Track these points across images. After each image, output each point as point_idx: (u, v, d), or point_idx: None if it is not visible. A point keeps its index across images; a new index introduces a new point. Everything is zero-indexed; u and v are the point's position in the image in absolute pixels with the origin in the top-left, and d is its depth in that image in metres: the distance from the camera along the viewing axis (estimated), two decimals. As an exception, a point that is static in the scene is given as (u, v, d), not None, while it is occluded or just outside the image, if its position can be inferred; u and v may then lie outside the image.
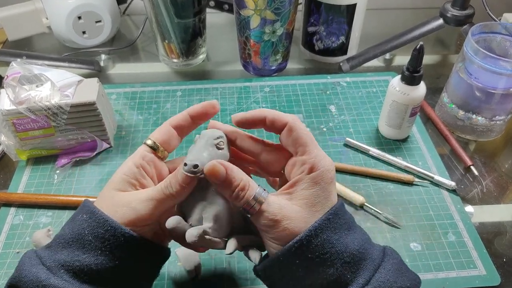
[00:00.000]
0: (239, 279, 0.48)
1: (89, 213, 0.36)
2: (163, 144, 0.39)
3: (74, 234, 0.35)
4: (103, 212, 0.35)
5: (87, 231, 0.35)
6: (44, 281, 0.33)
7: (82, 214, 0.36)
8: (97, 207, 0.36)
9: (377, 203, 0.55)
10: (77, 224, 0.36)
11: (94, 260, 0.34)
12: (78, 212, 0.37)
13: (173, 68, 0.78)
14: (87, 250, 0.35)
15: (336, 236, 0.34)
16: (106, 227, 0.35)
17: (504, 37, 0.62)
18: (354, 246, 0.34)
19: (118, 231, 0.35)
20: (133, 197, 0.36)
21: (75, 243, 0.35)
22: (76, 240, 0.35)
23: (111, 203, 0.36)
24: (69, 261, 0.34)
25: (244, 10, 0.67)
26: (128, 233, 0.35)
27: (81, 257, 0.34)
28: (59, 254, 0.35)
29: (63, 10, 0.74)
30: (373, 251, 0.35)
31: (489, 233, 0.53)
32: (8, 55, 0.74)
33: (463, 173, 0.60)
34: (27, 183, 0.58)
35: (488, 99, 0.60)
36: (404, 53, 0.79)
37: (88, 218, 0.35)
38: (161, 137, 0.39)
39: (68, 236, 0.35)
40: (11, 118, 0.55)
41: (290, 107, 0.69)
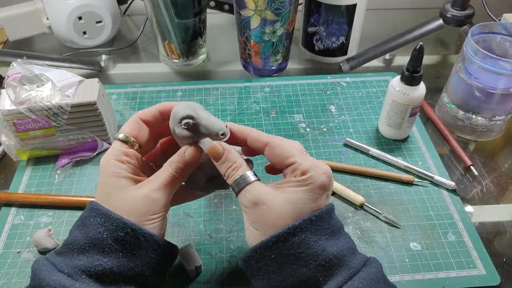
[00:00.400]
0: (240, 278, 0.48)
1: (104, 216, 0.36)
2: (135, 138, 0.40)
3: (90, 239, 0.35)
4: (119, 214, 0.36)
5: (105, 235, 0.35)
6: (70, 287, 0.33)
7: (95, 217, 0.36)
8: (111, 209, 0.36)
9: (377, 203, 0.56)
10: (91, 228, 0.36)
11: (116, 262, 0.35)
12: (88, 216, 0.37)
13: (173, 68, 0.78)
14: (108, 254, 0.35)
15: (315, 238, 0.35)
16: (126, 230, 0.35)
17: (504, 37, 0.62)
18: (332, 251, 0.35)
19: (138, 232, 0.35)
20: (146, 189, 0.37)
21: (93, 248, 0.35)
22: (94, 245, 0.35)
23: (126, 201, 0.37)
24: (89, 265, 0.34)
25: (244, 10, 0.67)
26: (148, 233, 0.36)
27: (102, 261, 0.35)
28: (76, 260, 0.35)
29: (64, 10, 0.74)
30: (353, 259, 0.36)
31: (489, 233, 0.53)
32: (9, 55, 0.74)
33: (463, 173, 0.60)
34: (27, 183, 0.58)
35: (488, 99, 0.60)
36: (404, 53, 0.79)
37: (104, 221, 0.35)
38: (132, 131, 0.40)
39: (83, 241, 0.35)
40: (12, 118, 0.55)
41: (290, 107, 0.69)
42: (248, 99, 0.71)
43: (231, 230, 0.52)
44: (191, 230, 0.53)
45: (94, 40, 0.80)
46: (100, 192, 0.38)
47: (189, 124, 0.38)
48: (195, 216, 0.54)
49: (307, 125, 0.66)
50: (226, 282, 0.48)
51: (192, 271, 0.47)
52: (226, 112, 0.68)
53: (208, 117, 0.38)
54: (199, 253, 0.50)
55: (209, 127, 0.38)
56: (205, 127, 0.38)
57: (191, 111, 0.38)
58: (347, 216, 0.54)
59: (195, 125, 0.38)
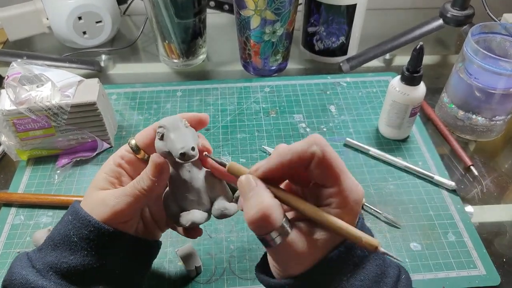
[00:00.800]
0: (239, 279, 0.48)
1: (74, 214, 0.36)
2: (145, 147, 0.39)
3: (61, 235, 0.36)
4: (86, 212, 0.36)
5: (72, 232, 0.35)
6: (33, 282, 0.34)
7: (68, 215, 0.37)
8: (82, 207, 0.36)
9: (377, 203, 0.56)
10: (63, 225, 0.36)
11: (81, 261, 0.35)
12: (66, 213, 0.37)
13: (173, 68, 0.78)
14: (74, 251, 0.35)
15: (335, 283, 0.31)
16: (90, 228, 0.35)
17: (504, 37, 0.62)
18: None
19: (101, 230, 0.35)
20: (108, 194, 0.36)
21: (62, 245, 0.35)
22: (63, 241, 0.35)
23: (91, 201, 0.37)
24: (57, 262, 0.35)
25: (244, 10, 0.67)
26: (113, 231, 0.35)
27: (68, 259, 0.35)
28: (48, 256, 0.35)
29: (64, 10, 0.74)
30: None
31: (489, 233, 0.53)
32: (9, 55, 0.74)
33: (463, 173, 0.60)
34: (27, 183, 0.58)
35: (488, 99, 0.60)
36: (404, 53, 0.79)
37: (72, 219, 0.36)
38: (143, 140, 0.38)
39: (56, 238, 0.36)
40: (12, 118, 0.55)
41: (290, 107, 0.69)
42: (248, 99, 0.71)
43: (231, 230, 0.52)
44: (191, 230, 0.53)
45: (94, 40, 0.80)
46: (87, 189, 0.38)
47: (159, 133, 0.36)
48: (195, 216, 0.54)
49: (307, 125, 0.66)
50: (226, 282, 0.48)
51: (192, 271, 0.47)
52: (226, 112, 0.68)
53: (180, 132, 0.35)
54: (199, 253, 0.50)
55: (173, 142, 0.35)
56: (170, 141, 0.35)
57: (168, 122, 0.36)
58: (347, 216, 0.54)
59: (164, 137, 0.35)
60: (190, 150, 0.34)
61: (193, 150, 0.35)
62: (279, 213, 0.31)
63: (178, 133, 0.35)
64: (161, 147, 0.36)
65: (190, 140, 0.35)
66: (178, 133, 0.35)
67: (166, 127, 0.36)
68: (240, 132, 0.65)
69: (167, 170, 0.36)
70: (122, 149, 0.39)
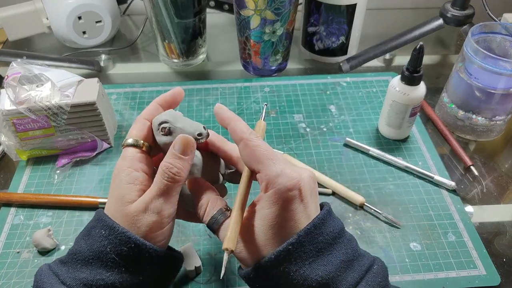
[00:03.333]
0: (239, 279, 0.48)
1: (108, 229, 0.34)
2: (144, 139, 0.38)
3: (94, 251, 0.34)
4: (123, 227, 0.34)
5: (108, 248, 0.34)
6: None
7: (100, 229, 0.35)
8: (116, 222, 0.35)
9: (377, 203, 0.56)
10: (96, 240, 0.34)
11: (119, 278, 0.34)
12: (94, 226, 0.35)
13: (173, 68, 0.78)
14: (111, 268, 0.34)
15: (294, 267, 0.32)
16: (130, 245, 0.34)
17: (504, 37, 0.62)
18: (317, 277, 0.32)
19: (142, 247, 0.34)
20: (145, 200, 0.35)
21: (96, 261, 0.34)
22: (97, 258, 0.34)
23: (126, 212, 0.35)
24: (91, 279, 0.33)
25: (244, 10, 0.67)
26: (152, 249, 0.34)
27: (104, 275, 0.33)
28: (79, 272, 0.34)
29: (63, 10, 0.74)
30: (346, 277, 0.32)
31: (489, 233, 0.53)
32: (8, 55, 0.74)
33: (463, 173, 0.60)
34: (27, 183, 0.58)
35: (488, 99, 0.60)
36: (404, 53, 0.79)
37: (108, 234, 0.34)
38: (139, 133, 0.38)
39: (87, 253, 0.34)
40: (11, 118, 0.55)
41: (290, 107, 0.69)
42: (248, 99, 0.71)
43: (231, 230, 0.52)
44: (190, 230, 0.52)
45: (94, 40, 0.80)
46: (112, 202, 0.36)
47: (165, 129, 0.38)
48: (195, 216, 0.54)
49: (307, 125, 0.66)
50: (225, 282, 0.48)
51: (191, 271, 0.47)
52: (226, 112, 0.68)
53: (184, 120, 0.38)
54: (199, 253, 0.50)
55: (185, 128, 0.38)
56: (181, 129, 0.37)
57: (168, 116, 0.38)
58: (347, 216, 0.54)
59: (172, 130, 0.38)
60: (203, 129, 0.38)
61: (205, 129, 0.38)
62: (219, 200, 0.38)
63: (183, 122, 0.38)
64: (168, 141, 0.38)
65: (196, 123, 0.38)
66: (182, 121, 0.38)
67: (169, 121, 0.38)
68: (240, 132, 0.65)
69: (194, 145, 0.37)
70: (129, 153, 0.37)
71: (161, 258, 0.35)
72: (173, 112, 0.39)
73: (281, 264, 0.32)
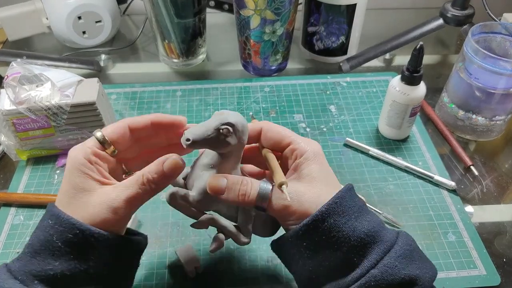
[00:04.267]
0: (239, 279, 0.48)
1: (54, 218, 0.34)
2: (113, 142, 0.38)
3: (41, 241, 0.34)
4: (68, 215, 0.34)
5: (55, 237, 0.33)
6: None
7: (47, 219, 0.34)
8: (62, 210, 0.34)
9: (377, 203, 0.56)
10: (43, 230, 0.34)
11: (67, 265, 0.33)
12: (43, 218, 0.35)
13: (173, 68, 0.78)
14: (58, 257, 0.33)
15: (343, 219, 0.34)
16: (74, 231, 0.33)
17: (504, 37, 0.62)
18: (363, 229, 0.34)
19: (87, 233, 0.33)
20: (108, 196, 0.35)
21: (44, 251, 0.33)
22: (45, 248, 0.33)
23: (80, 203, 0.35)
24: (41, 270, 0.33)
25: (244, 10, 0.67)
26: (98, 233, 0.34)
27: (53, 265, 0.33)
28: (29, 264, 0.33)
29: (63, 10, 0.74)
30: (385, 234, 0.35)
31: (489, 233, 0.53)
32: (8, 55, 0.74)
33: (463, 173, 0.60)
34: (27, 183, 0.58)
35: (488, 99, 0.60)
36: (404, 53, 0.79)
37: (54, 223, 0.34)
38: (112, 134, 0.38)
39: (36, 244, 0.34)
40: (11, 118, 0.55)
41: (290, 107, 0.69)
42: (248, 99, 0.71)
43: (231, 230, 0.52)
44: (190, 230, 0.52)
45: (94, 40, 0.80)
46: (63, 191, 0.36)
47: (228, 130, 0.36)
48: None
49: (307, 125, 0.66)
50: (225, 282, 0.48)
51: (191, 271, 0.47)
52: (226, 112, 0.68)
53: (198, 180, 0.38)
54: (199, 253, 0.50)
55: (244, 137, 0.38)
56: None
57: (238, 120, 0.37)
58: (347, 216, 0.54)
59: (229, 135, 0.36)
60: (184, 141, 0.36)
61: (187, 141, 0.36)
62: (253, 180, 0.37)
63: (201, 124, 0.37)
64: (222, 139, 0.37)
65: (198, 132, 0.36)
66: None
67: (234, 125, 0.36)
68: (240, 132, 0.65)
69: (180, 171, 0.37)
70: (90, 144, 0.37)
71: (109, 241, 0.35)
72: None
73: (331, 216, 0.34)
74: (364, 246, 0.34)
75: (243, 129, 0.37)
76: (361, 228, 0.34)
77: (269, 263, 0.49)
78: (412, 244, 0.36)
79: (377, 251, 0.34)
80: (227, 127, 0.36)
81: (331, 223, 0.34)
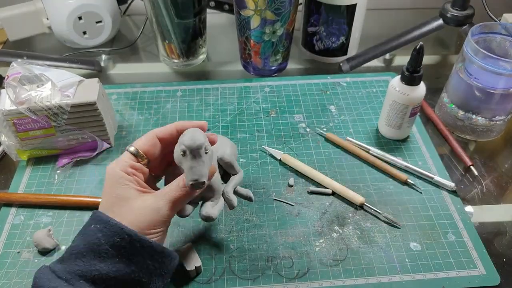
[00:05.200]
0: (239, 279, 0.48)
1: (103, 223, 0.37)
2: (146, 153, 0.41)
3: (88, 244, 0.36)
4: (117, 221, 0.37)
5: (103, 240, 0.36)
6: None
7: (95, 224, 0.37)
8: (110, 217, 0.37)
9: (377, 203, 0.56)
10: (90, 234, 0.37)
11: (112, 267, 0.36)
12: (90, 223, 0.38)
13: (173, 68, 0.78)
14: (104, 259, 0.36)
15: None
16: (122, 235, 0.36)
17: (504, 37, 0.62)
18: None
19: (134, 238, 0.36)
20: (152, 201, 0.38)
21: (90, 253, 0.36)
22: (92, 250, 0.36)
23: (125, 209, 0.38)
24: (86, 270, 0.35)
25: (244, 10, 0.67)
26: (144, 239, 0.37)
27: (99, 266, 0.35)
28: (73, 265, 0.36)
29: (64, 10, 0.74)
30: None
31: (489, 233, 0.53)
32: (9, 55, 0.74)
33: (463, 173, 0.60)
34: (27, 183, 0.58)
35: (488, 99, 0.60)
36: (404, 53, 0.79)
37: (102, 228, 0.36)
38: (144, 146, 0.41)
39: (82, 247, 0.36)
40: (12, 118, 0.55)
41: (290, 107, 0.69)
42: (248, 99, 0.71)
43: (230, 231, 0.52)
44: (191, 231, 0.53)
45: (94, 40, 0.80)
46: (105, 201, 0.39)
47: (182, 151, 0.38)
48: (195, 216, 0.54)
49: (307, 125, 0.66)
50: (226, 282, 0.48)
51: (192, 271, 0.47)
52: (226, 112, 0.68)
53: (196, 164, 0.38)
54: (199, 253, 0.50)
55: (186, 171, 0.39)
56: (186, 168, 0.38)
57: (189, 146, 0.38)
58: (347, 216, 0.54)
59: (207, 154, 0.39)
60: (199, 184, 0.38)
61: (202, 184, 0.38)
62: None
63: (195, 162, 0.38)
64: (181, 162, 0.39)
65: (204, 172, 0.38)
66: (195, 162, 0.38)
67: (186, 151, 0.38)
68: (240, 132, 0.65)
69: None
70: (126, 158, 0.40)
71: (152, 249, 0.37)
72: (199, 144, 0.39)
73: None
74: None
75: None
76: None
77: (269, 263, 0.49)
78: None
79: None
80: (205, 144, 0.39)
81: None
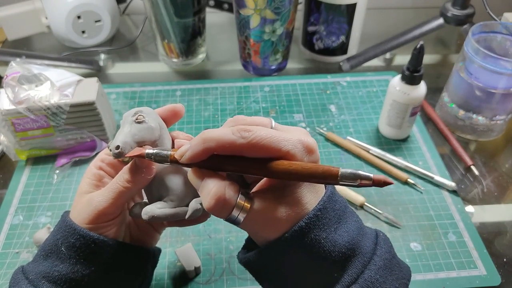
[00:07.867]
0: (239, 279, 0.48)
1: (61, 222, 0.37)
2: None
3: (51, 245, 0.36)
4: (71, 220, 0.36)
5: (60, 241, 0.35)
6: None
7: (59, 224, 0.37)
8: (68, 216, 0.37)
9: (377, 203, 0.55)
10: (53, 234, 0.37)
11: (71, 269, 0.35)
12: (58, 222, 0.38)
13: (172, 67, 0.78)
14: (63, 260, 0.35)
15: (324, 234, 0.31)
16: (76, 236, 0.35)
17: (505, 36, 0.62)
18: (343, 242, 0.31)
19: (87, 238, 0.35)
20: (92, 195, 0.36)
21: (52, 254, 0.36)
22: (53, 251, 0.36)
23: (76, 206, 0.37)
24: (49, 271, 0.35)
25: (244, 9, 0.67)
26: (98, 239, 0.35)
27: (59, 267, 0.35)
28: (40, 265, 0.36)
29: (63, 9, 0.74)
30: (364, 243, 0.33)
31: (490, 233, 0.53)
32: (8, 55, 0.74)
33: (464, 173, 0.60)
34: (26, 183, 0.58)
35: (488, 98, 0.59)
36: (404, 52, 0.79)
37: (59, 228, 0.36)
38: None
39: (47, 247, 0.36)
40: (11, 118, 0.55)
41: (290, 107, 0.69)
42: (248, 99, 0.71)
43: (230, 231, 0.52)
44: (190, 231, 0.52)
45: (93, 40, 0.79)
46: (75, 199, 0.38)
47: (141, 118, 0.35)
48: (194, 216, 0.53)
49: (307, 124, 0.66)
50: (225, 282, 0.48)
51: (191, 271, 0.47)
52: (225, 112, 0.68)
53: (120, 131, 0.34)
54: (198, 253, 0.50)
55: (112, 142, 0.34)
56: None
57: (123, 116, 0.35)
58: (347, 216, 0.54)
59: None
60: (114, 149, 0.33)
61: (117, 148, 0.33)
62: (231, 193, 0.30)
63: (120, 130, 0.34)
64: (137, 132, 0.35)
65: (121, 138, 0.33)
66: (120, 130, 0.34)
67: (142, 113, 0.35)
68: (240, 132, 0.65)
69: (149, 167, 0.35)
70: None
71: (110, 247, 0.36)
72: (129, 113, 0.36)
73: (311, 231, 0.31)
74: (344, 260, 0.31)
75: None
76: (341, 242, 0.31)
77: (269, 263, 0.49)
78: (391, 251, 0.34)
79: (357, 265, 0.32)
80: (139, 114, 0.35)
81: (312, 238, 0.31)
